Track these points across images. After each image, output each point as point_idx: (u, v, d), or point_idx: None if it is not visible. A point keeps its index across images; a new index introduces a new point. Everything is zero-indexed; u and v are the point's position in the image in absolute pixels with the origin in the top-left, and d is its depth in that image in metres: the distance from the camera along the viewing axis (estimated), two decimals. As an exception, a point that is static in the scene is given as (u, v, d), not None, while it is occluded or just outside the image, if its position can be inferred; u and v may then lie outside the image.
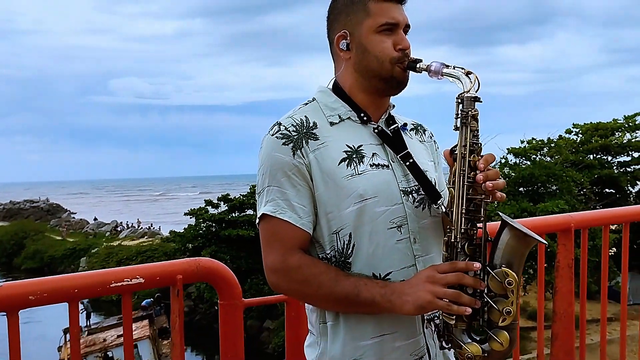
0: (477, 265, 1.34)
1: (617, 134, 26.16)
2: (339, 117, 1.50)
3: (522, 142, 25.67)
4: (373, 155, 1.46)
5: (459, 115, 1.39)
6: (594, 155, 26.12)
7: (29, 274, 43.02)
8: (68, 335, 23.47)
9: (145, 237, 45.48)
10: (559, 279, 2.80)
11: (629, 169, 26.21)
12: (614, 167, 26.10)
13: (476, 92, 1.39)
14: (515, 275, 1.31)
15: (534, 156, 24.25)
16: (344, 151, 1.45)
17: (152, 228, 49.92)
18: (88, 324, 26.80)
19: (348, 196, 1.42)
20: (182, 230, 31.63)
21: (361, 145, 1.46)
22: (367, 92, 1.51)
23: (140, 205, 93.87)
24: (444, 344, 1.40)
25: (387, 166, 1.47)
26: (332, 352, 1.45)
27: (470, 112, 1.37)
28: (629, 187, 26.17)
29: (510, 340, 1.33)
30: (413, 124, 1.65)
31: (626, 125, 25.97)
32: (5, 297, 1.61)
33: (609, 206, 24.63)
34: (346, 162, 1.44)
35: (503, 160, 23.77)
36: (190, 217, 30.49)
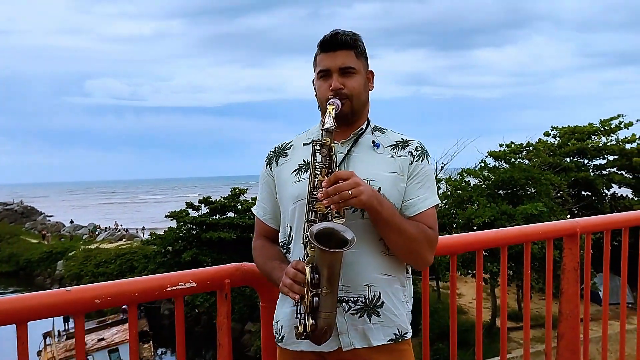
0: (292, 272, 1.68)
1: (593, 137, 26.74)
2: (311, 139, 1.83)
3: (501, 145, 26.10)
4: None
5: (313, 144, 1.72)
6: (571, 158, 26.67)
7: (3, 278, 42.34)
8: (48, 339, 23.20)
9: (124, 239, 45.07)
10: (565, 281, 2.96)
11: (604, 172, 26.79)
12: (590, 170, 26.68)
13: (332, 125, 1.70)
14: (308, 275, 1.62)
15: (513, 159, 24.64)
16: (299, 164, 1.88)
17: (129, 231, 49.49)
18: (66, 327, 26.58)
19: (290, 197, 1.85)
20: (163, 233, 31.48)
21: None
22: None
23: (117, 208, 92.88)
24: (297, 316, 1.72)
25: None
26: (276, 313, 1.93)
27: (321, 143, 1.69)
28: (605, 190, 26.73)
29: (317, 326, 1.64)
30: (397, 141, 1.90)
31: (602, 129, 26.56)
32: (74, 301, 1.70)
33: (585, 208, 25.13)
34: (296, 172, 1.87)
35: (482, 164, 24.14)
36: (171, 220, 30.36)
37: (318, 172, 1.68)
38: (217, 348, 2.03)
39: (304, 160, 1.86)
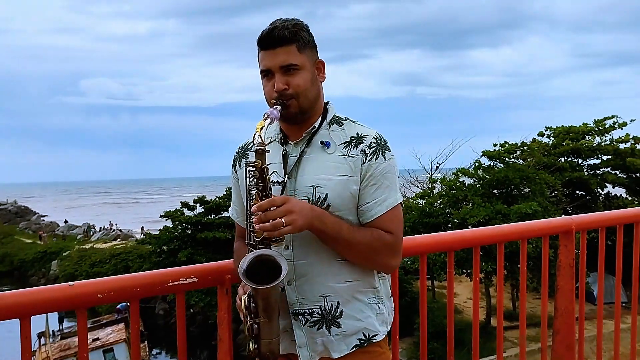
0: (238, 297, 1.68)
1: (587, 137, 26.84)
2: (270, 139, 1.81)
3: (495, 145, 26.17)
4: (272, 173, 1.69)
5: (245, 166, 1.66)
6: (565, 158, 26.76)
7: (-2, 278, 42.18)
8: (43, 339, 23.14)
9: (119, 239, 44.96)
10: (561, 277, 2.99)
11: (598, 172, 26.90)
12: (585, 170, 26.77)
13: (260, 145, 1.59)
14: (243, 304, 1.63)
15: (508, 159, 24.72)
16: None
17: (125, 231, 49.35)
18: (61, 328, 26.49)
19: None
20: (157, 232, 31.42)
21: (270, 164, 1.64)
22: (280, 121, 1.76)
23: (112, 208, 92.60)
24: None
25: (279, 182, 1.73)
26: None
27: (251, 165, 1.60)
28: (599, 190, 26.84)
29: (259, 352, 1.64)
30: (351, 138, 1.77)
31: (596, 129, 26.67)
32: (76, 296, 1.71)
33: (580, 208, 25.24)
34: None
35: (477, 164, 24.20)
36: (166, 220, 30.32)
37: (253, 196, 1.60)
38: (217, 343, 2.04)
39: None
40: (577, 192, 26.74)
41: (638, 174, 25.95)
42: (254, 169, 1.58)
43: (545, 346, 3.02)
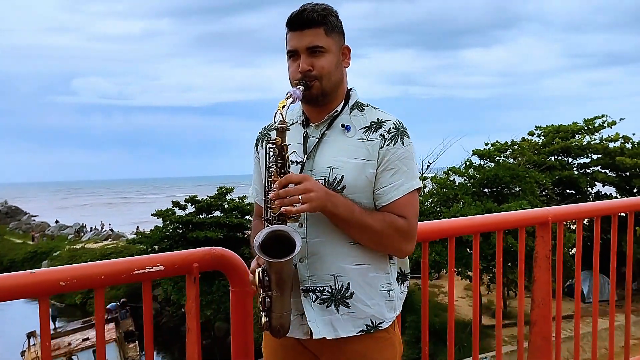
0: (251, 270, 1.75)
1: (577, 136, 26.94)
2: (292, 121, 1.85)
3: (486, 144, 26.24)
4: (292, 153, 1.73)
5: (265, 144, 1.74)
6: (556, 157, 26.85)
7: (-13, 278, 41.81)
8: (32, 340, 23.02)
9: (110, 239, 44.76)
10: (537, 269, 2.99)
11: (588, 171, 27.01)
12: (574, 169, 26.87)
13: (282, 123, 1.65)
14: (256, 278, 1.66)
15: (498, 158, 24.79)
16: None
17: (116, 231, 49.14)
18: (55, 327, 26.33)
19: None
20: (149, 232, 31.27)
21: (290, 144, 1.70)
22: (303, 103, 1.82)
23: (103, 208, 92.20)
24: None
25: (299, 162, 1.78)
26: None
27: (271, 142, 1.65)
28: (589, 188, 26.95)
29: (270, 324, 1.70)
30: (371, 122, 1.80)
31: (586, 128, 26.77)
32: (38, 283, 1.70)
33: (570, 207, 25.33)
34: None
35: (468, 162, 24.25)
36: (157, 219, 30.20)
37: (271, 173, 1.65)
38: (185, 332, 2.03)
39: None
40: (567, 190, 26.82)
41: (627, 173, 26.06)
42: (274, 146, 1.63)
43: (522, 338, 3.03)
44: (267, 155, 1.67)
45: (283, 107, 1.65)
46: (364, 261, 1.78)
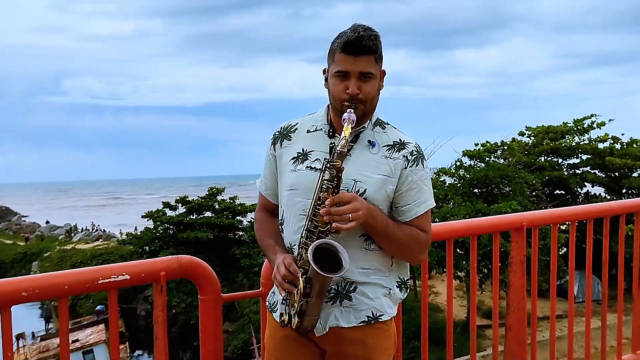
0: (283, 270, 1.80)
1: (567, 137, 27.06)
2: (315, 127, 1.97)
3: (476, 144, 26.30)
4: (315, 160, 1.89)
5: (324, 163, 1.79)
6: (545, 158, 26.96)
7: (-23, 280, 41.47)
8: (21, 341, 22.89)
9: (100, 240, 44.55)
10: (512, 274, 3.00)
11: (578, 171, 27.13)
12: (564, 169, 26.99)
13: (344, 148, 1.76)
14: (301, 285, 1.76)
15: (488, 158, 24.85)
16: (297, 152, 1.95)
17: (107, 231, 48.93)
18: (46, 327, 26.22)
19: (285, 184, 1.94)
20: (139, 233, 31.15)
21: (312, 151, 1.90)
22: (335, 114, 1.92)
23: (94, 208, 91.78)
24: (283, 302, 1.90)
25: (321, 170, 1.83)
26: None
27: (332, 163, 1.75)
28: (578, 189, 27.07)
29: (301, 325, 1.83)
30: (394, 142, 1.93)
31: (575, 129, 26.89)
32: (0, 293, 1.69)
33: (559, 207, 25.45)
34: (294, 160, 1.93)
35: (458, 163, 24.31)
36: (148, 220, 30.10)
37: (324, 189, 1.75)
38: (154, 341, 2.02)
39: (302, 150, 1.93)
40: (557, 191, 26.95)
41: (617, 173, 26.21)
42: (333, 167, 1.74)
43: (497, 341, 3.04)
44: (322, 173, 1.77)
45: (349, 134, 1.77)
46: (371, 266, 1.91)
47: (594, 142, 26.66)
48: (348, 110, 1.80)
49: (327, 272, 1.70)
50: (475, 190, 22.49)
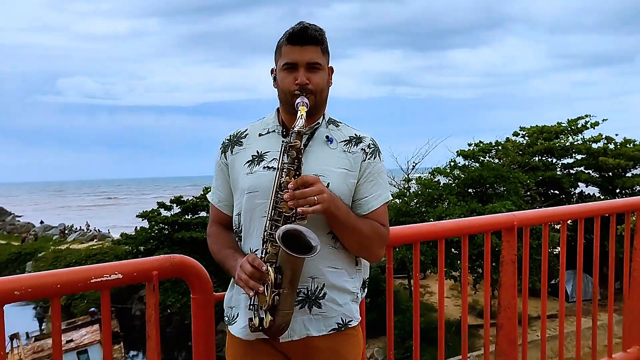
0: (248, 268, 1.71)
1: (561, 137, 27.17)
2: (267, 130, 1.95)
3: (470, 145, 26.38)
4: (272, 160, 1.85)
5: (283, 144, 1.75)
6: (539, 158, 27.06)
7: (-29, 280, 41.27)
8: (15, 342, 22.81)
9: (95, 240, 44.44)
10: (504, 273, 3.02)
11: (571, 171, 27.25)
12: (558, 169, 27.10)
13: (303, 127, 1.73)
14: (272, 276, 1.67)
15: (483, 158, 24.93)
16: (252, 155, 1.90)
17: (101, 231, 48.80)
18: (40, 328, 26.13)
19: (242, 188, 1.88)
20: (134, 233, 31.11)
21: (268, 152, 1.87)
22: (286, 113, 1.92)
23: (88, 208, 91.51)
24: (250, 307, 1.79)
25: (279, 151, 1.80)
26: (229, 297, 1.99)
27: (290, 144, 1.72)
28: (572, 189, 27.18)
29: (274, 323, 1.72)
30: (350, 137, 1.94)
31: (569, 129, 27.01)
32: (-8, 293, 1.69)
33: (553, 206, 25.55)
34: (249, 164, 1.89)
35: (453, 163, 24.37)
36: (143, 220, 30.07)
37: (285, 173, 1.71)
38: (146, 340, 2.03)
39: (257, 152, 1.90)
40: (551, 191, 27.07)
41: (610, 173, 26.34)
42: (292, 148, 1.70)
43: (488, 340, 3.06)
44: (282, 155, 1.73)
45: (304, 113, 1.76)
46: (338, 265, 1.88)
47: (587, 142, 26.80)
48: (300, 98, 1.80)
49: (300, 254, 1.63)
50: (470, 190, 22.57)
